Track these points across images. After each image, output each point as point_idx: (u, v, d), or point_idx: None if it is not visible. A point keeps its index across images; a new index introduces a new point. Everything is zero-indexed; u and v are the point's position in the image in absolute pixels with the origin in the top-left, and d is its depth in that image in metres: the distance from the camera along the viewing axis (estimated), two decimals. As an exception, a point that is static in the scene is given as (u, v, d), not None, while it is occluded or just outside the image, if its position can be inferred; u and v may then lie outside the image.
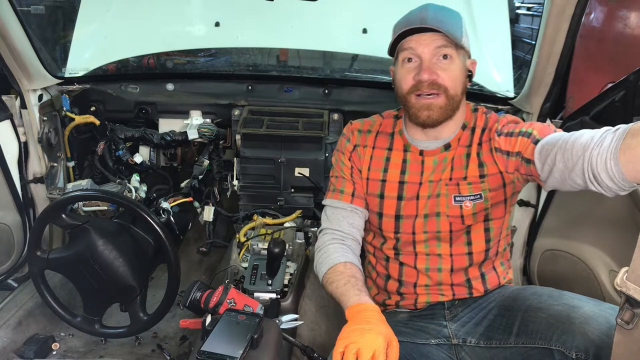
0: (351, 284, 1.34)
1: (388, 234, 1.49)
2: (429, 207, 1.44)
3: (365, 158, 1.51)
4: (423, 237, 1.46)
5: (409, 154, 1.47)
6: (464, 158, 1.42)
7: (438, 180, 1.43)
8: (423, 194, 1.44)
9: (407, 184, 1.46)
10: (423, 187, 1.45)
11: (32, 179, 2.21)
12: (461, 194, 1.41)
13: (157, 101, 2.48)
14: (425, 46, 1.33)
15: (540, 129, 1.28)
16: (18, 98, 2.09)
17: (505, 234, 1.53)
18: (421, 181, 1.45)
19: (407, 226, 1.46)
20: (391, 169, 1.48)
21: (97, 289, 1.74)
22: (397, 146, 1.49)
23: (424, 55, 1.34)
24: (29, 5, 2.97)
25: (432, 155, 1.45)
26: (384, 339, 1.15)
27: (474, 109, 1.48)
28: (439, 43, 1.33)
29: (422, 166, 1.45)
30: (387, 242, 1.51)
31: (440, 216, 1.43)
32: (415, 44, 1.34)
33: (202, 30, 2.70)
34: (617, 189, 1.06)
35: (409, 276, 1.49)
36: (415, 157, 1.46)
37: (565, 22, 1.60)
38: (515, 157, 1.32)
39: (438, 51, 1.33)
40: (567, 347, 1.20)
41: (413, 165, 1.46)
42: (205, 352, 1.16)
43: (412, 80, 1.36)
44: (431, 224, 1.44)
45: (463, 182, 1.41)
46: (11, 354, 1.84)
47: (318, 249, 1.50)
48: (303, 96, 2.46)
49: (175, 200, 2.22)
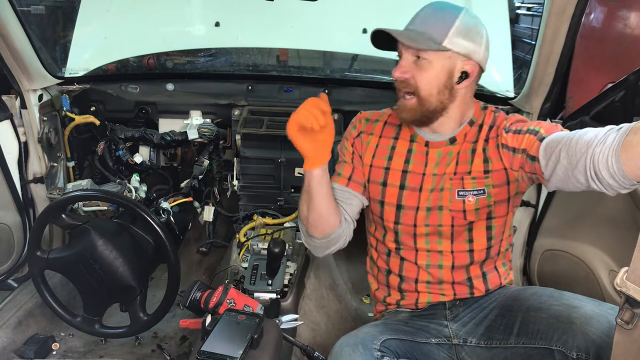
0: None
1: (388, 224, 1.50)
2: (432, 200, 1.45)
3: (371, 145, 1.53)
4: (424, 231, 1.46)
5: (415, 144, 1.48)
6: (470, 153, 1.43)
7: (442, 174, 1.44)
8: (426, 187, 1.45)
9: (410, 173, 1.47)
10: (426, 180, 1.45)
11: (32, 179, 2.21)
12: (465, 189, 1.42)
13: (157, 101, 2.47)
14: (406, 48, 1.36)
15: (548, 128, 1.29)
16: (18, 98, 2.09)
17: (508, 234, 1.53)
18: (424, 172, 1.45)
19: (408, 217, 1.47)
20: (396, 157, 1.49)
21: (97, 289, 1.74)
22: (403, 136, 1.51)
23: (404, 55, 1.37)
24: (29, 5, 2.97)
25: (437, 148, 1.46)
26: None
27: (483, 107, 1.49)
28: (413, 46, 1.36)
29: (426, 157, 1.46)
30: (388, 234, 1.52)
31: (442, 210, 1.44)
32: (401, 45, 1.38)
33: (202, 30, 2.71)
34: (618, 187, 1.07)
35: (409, 271, 1.50)
36: (421, 148, 1.47)
37: (565, 22, 1.60)
38: (521, 154, 1.33)
39: (416, 52, 1.35)
40: (568, 347, 1.20)
41: (418, 156, 1.47)
42: (205, 352, 1.16)
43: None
44: (433, 217, 1.45)
45: (467, 177, 1.42)
46: (11, 354, 1.84)
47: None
48: (303, 96, 2.43)
49: (175, 200, 2.22)
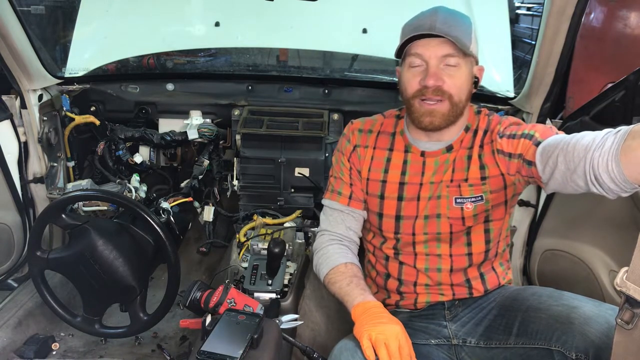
0: (354, 283, 1.37)
1: (388, 234, 1.50)
2: (429, 208, 1.44)
3: (366, 159, 1.51)
4: (423, 238, 1.46)
5: (410, 154, 1.47)
6: (465, 160, 1.42)
7: (439, 182, 1.43)
8: (424, 195, 1.44)
9: (407, 184, 1.46)
10: (424, 188, 1.44)
11: (32, 179, 2.20)
12: (462, 196, 1.41)
13: (157, 101, 2.48)
14: (433, 52, 1.32)
15: (543, 131, 1.28)
16: (18, 98, 2.09)
17: (505, 235, 1.53)
18: (422, 182, 1.45)
19: (407, 227, 1.46)
20: (392, 169, 1.48)
21: (97, 289, 1.74)
22: (398, 147, 1.49)
23: (431, 61, 1.33)
24: (29, 5, 2.97)
25: (433, 157, 1.44)
26: (402, 328, 1.23)
27: (477, 111, 1.48)
28: (447, 51, 1.32)
29: (423, 167, 1.45)
30: (387, 242, 1.51)
31: (440, 218, 1.43)
32: (423, 50, 1.33)
33: (202, 30, 2.71)
34: (619, 191, 1.06)
35: (408, 275, 1.50)
36: (417, 158, 1.46)
37: (565, 22, 1.60)
38: (517, 159, 1.32)
39: (445, 59, 1.32)
40: (567, 347, 1.20)
41: (414, 166, 1.46)
42: (205, 352, 1.16)
43: (417, 84, 1.35)
44: (431, 225, 1.44)
45: (464, 184, 1.41)
46: (11, 354, 1.84)
47: (317, 250, 1.51)
48: (303, 96, 2.46)
49: (175, 200, 2.22)
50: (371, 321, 1.25)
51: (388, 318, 1.27)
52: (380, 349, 1.19)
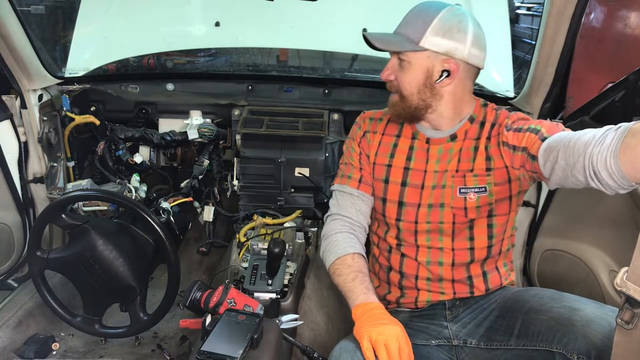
0: (359, 280, 1.39)
1: (390, 221, 1.51)
2: (433, 197, 1.45)
3: (374, 143, 1.55)
4: (425, 227, 1.47)
5: (416, 141, 1.50)
6: (472, 151, 1.44)
7: (444, 171, 1.45)
8: (428, 184, 1.46)
9: (412, 170, 1.48)
10: (428, 177, 1.46)
11: (32, 179, 2.21)
12: (466, 186, 1.42)
13: (157, 101, 2.47)
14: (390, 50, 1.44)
15: (549, 127, 1.29)
16: (18, 98, 2.09)
17: (510, 234, 1.53)
18: (426, 169, 1.47)
19: (409, 214, 1.48)
20: (398, 154, 1.51)
21: (97, 289, 1.74)
22: (405, 133, 1.53)
23: (391, 57, 1.45)
24: (29, 5, 2.97)
25: (437, 144, 1.47)
26: (402, 329, 1.24)
27: (483, 104, 1.50)
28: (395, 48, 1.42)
29: (427, 154, 1.48)
30: (390, 230, 1.53)
31: (444, 207, 1.44)
32: (385, 48, 1.44)
33: (202, 30, 2.70)
34: (617, 187, 1.07)
35: (409, 268, 1.50)
36: (422, 145, 1.49)
37: (565, 22, 1.60)
38: (522, 152, 1.33)
39: (398, 55, 1.41)
40: (569, 349, 1.20)
41: (419, 153, 1.49)
42: (205, 352, 1.16)
43: None
44: (434, 214, 1.45)
45: (469, 174, 1.43)
46: (11, 354, 1.84)
47: (326, 236, 1.53)
48: (303, 96, 2.46)
49: (175, 200, 2.22)
50: (371, 322, 1.25)
51: (388, 319, 1.27)
52: (380, 350, 1.19)
